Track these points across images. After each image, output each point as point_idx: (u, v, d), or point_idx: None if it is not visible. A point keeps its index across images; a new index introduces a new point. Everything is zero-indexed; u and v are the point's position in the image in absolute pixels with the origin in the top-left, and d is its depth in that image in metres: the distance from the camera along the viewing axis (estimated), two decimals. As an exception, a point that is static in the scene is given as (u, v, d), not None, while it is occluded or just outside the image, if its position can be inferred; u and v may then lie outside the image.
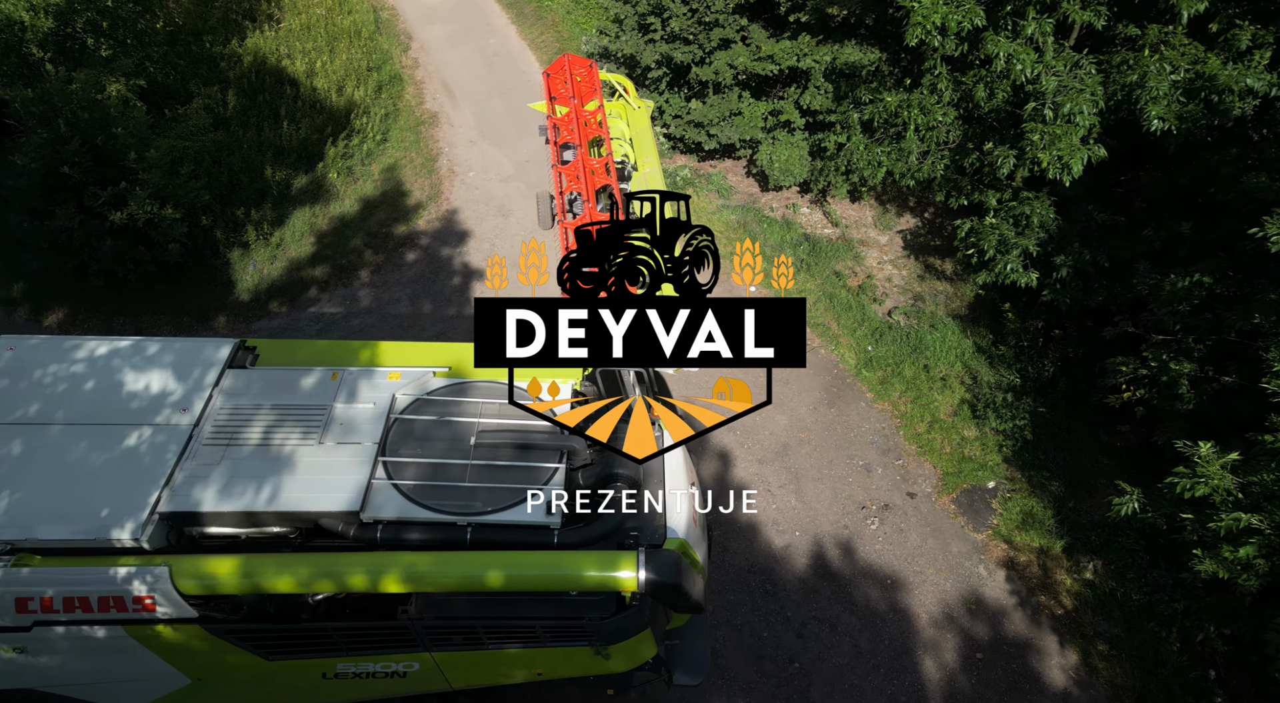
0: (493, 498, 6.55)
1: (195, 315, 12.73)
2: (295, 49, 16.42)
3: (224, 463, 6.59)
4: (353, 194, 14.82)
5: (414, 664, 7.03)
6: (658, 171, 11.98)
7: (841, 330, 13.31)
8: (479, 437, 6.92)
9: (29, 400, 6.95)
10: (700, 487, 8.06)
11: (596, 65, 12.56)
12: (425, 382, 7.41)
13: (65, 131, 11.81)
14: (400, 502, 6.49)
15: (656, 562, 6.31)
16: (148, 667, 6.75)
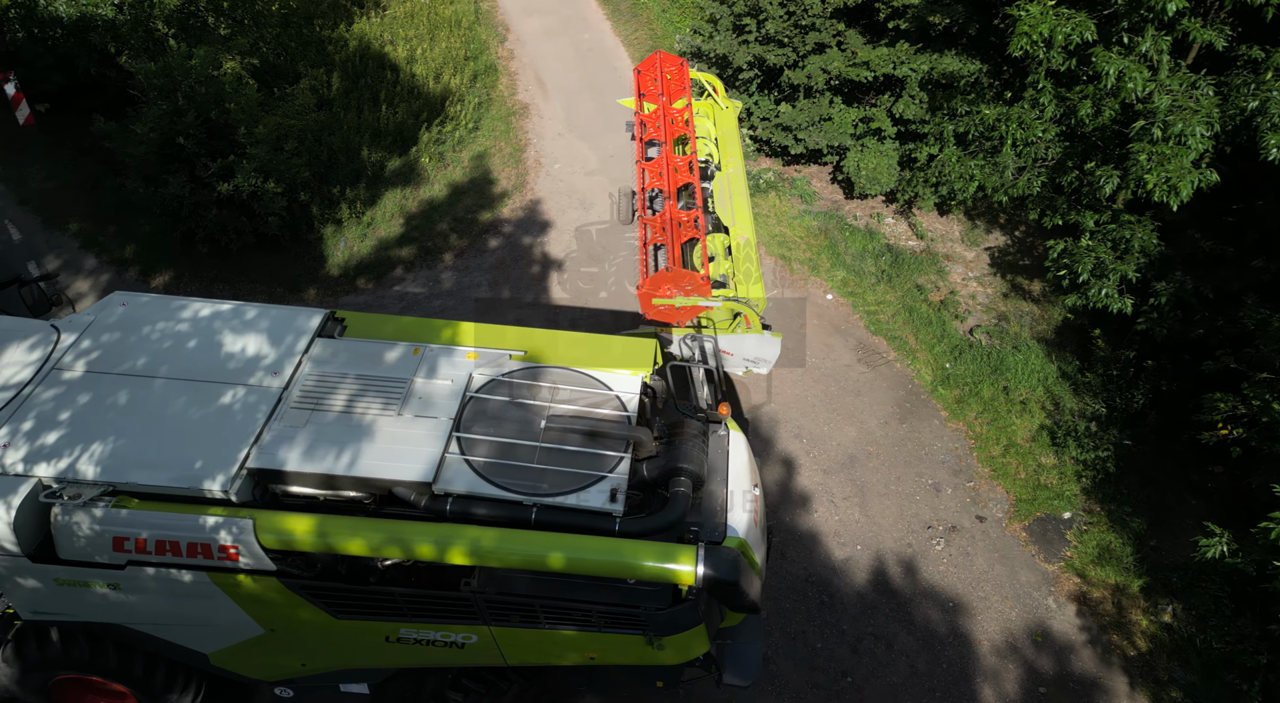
0: (558, 481, 6.67)
1: (288, 286, 13.28)
2: (398, 35, 16.95)
3: (308, 426, 6.86)
4: (442, 179, 15.22)
5: (472, 636, 7.19)
6: (741, 173, 11.90)
7: (919, 345, 13.03)
8: (549, 420, 7.05)
9: (136, 353, 7.35)
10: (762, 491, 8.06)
11: (687, 64, 12.54)
12: (501, 363, 7.57)
13: (183, 104, 12.46)
14: (470, 477, 6.67)
15: (716, 558, 6.31)
16: (226, 614, 7.08)
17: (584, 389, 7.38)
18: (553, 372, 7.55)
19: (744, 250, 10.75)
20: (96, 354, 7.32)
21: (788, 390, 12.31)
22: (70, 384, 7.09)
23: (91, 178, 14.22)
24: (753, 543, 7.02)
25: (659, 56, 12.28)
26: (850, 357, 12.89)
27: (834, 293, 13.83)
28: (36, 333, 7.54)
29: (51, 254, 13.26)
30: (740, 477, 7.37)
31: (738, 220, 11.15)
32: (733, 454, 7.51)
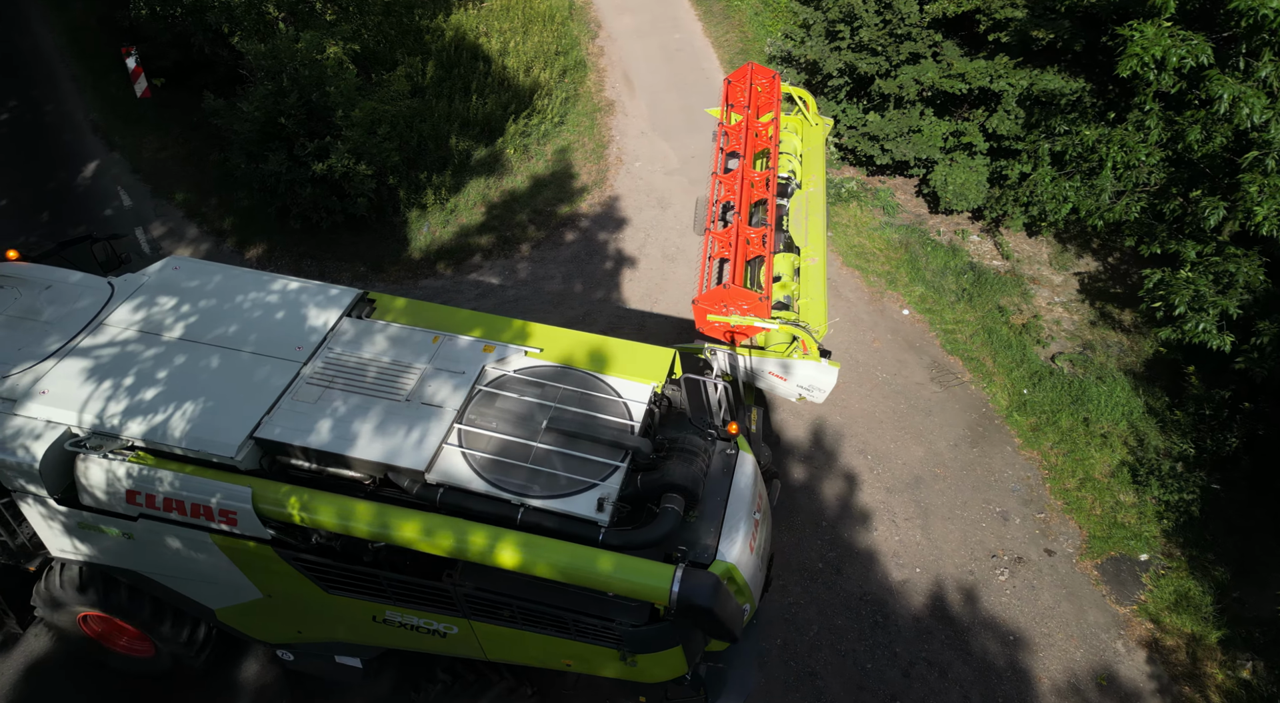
0: (549, 484, 6.61)
1: (371, 266, 13.70)
2: (493, 28, 17.30)
3: (319, 403, 7.00)
4: (525, 171, 15.47)
5: (453, 628, 7.22)
6: (821, 193, 11.63)
7: (996, 368, 12.63)
8: (551, 422, 7.01)
9: (176, 316, 7.70)
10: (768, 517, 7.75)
11: (779, 78, 12.36)
12: (515, 359, 7.59)
13: (287, 85, 12.98)
14: (464, 470, 6.71)
15: (693, 581, 6.10)
16: (227, 575, 7.33)
17: (592, 393, 7.32)
18: (564, 372, 7.52)
19: (812, 273, 10.48)
20: (141, 314, 7.70)
21: (855, 405, 12.10)
22: (112, 340, 7.45)
23: (198, 151, 14.95)
24: (744, 569, 6.79)
25: (751, 68, 12.07)
26: (923, 375, 12.58)
27: (910, 308, 13.52)
28: (93, 288, 7.95)
29: (157, 221, 14.00)
30: (741, 500, 7.12)
31: (810, 242, 10.83)
32: (737, 476, 7.26)
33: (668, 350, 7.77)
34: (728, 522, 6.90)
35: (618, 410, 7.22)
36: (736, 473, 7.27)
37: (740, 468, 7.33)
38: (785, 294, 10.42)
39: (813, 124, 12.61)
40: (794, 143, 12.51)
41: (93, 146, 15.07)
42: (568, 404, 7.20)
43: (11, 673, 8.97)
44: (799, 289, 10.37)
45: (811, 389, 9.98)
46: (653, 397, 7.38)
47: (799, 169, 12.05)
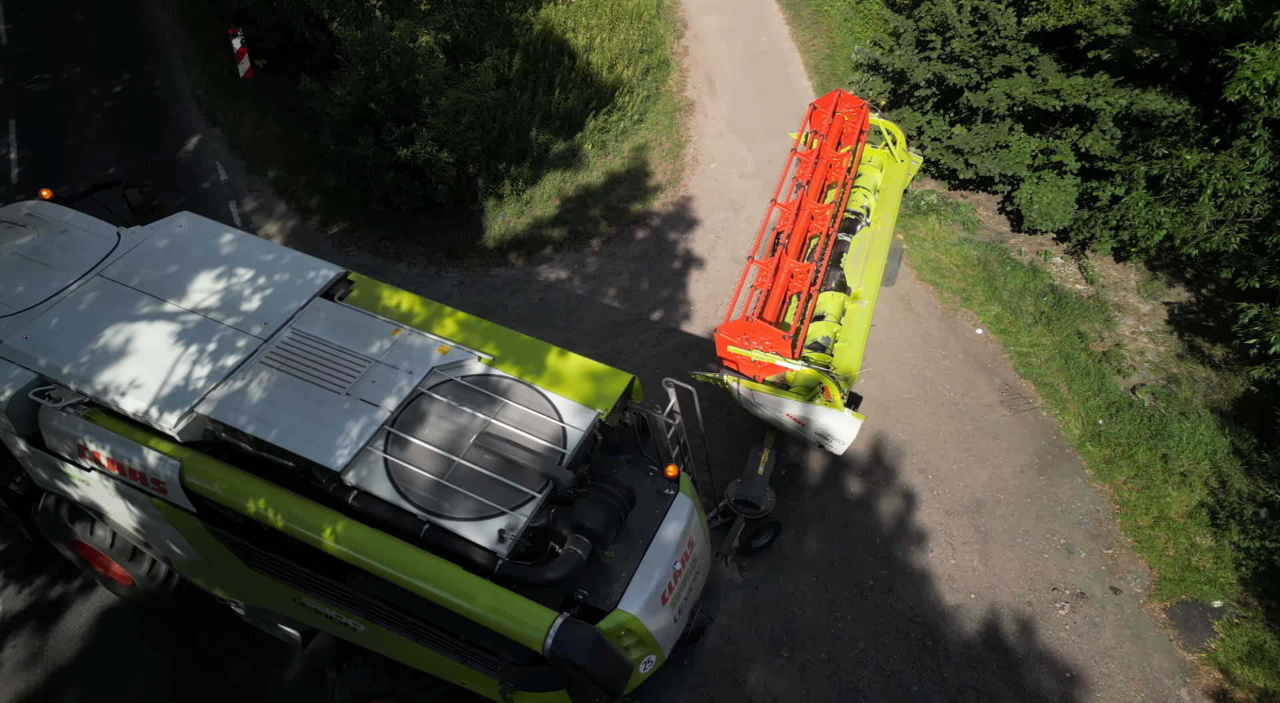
0: (460, 505, 6.34)
1: (446, 251, 14.03)
2: (580, 24, 17.49)
3: (266, 384, 6.93)
4: (601, 166, 15.60)
5: (360, 626, 7.17)
6: (888, 233, 11.16)
7: (1071, 396, 12.18)
8: (480, 438, 6.68)
9: (167, 274, 7.79)
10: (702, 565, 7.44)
11: (868, 109, 11.93)
12: (465, 365, 7.29)
13: (379, 72, 13.39)
14: (380, 476, 6.51)
15: (570, 634, 5.83)
16: (170, 535, 7.55)
17: (533, 411, 6.97)
18: (510, 385, 7.18)
19: (857, 317, 10.13)
20: (136, 268, 7.83)
21: (919, 422, 11.84)
22: (100, 292, 7.59)
23: (292, 131, 15.54)
24: (649, 620, 6.52)
25: (839, 95, 11.74)
26: (992, 397, 12.23)
27: (984, 328, 13.14)
28: (101, 236, 8.17)
29: (249, 196, 14.62)
30: (664, 547, 6.77)
31: (864, 284, 10.49)
32: (667, 522, 6.90)
33: (625, 376, 7.36)
34: (642, 568, 6.61)
35: (553, 434, 6.84)
36: (667, 518, 6.93)
37: (673, 513, 6.98)
38: (825, 335, 10.04)
39: (898, 160, 12.22)
40: (874, 178, 12.03)
41: (196, 122, 15.82)
42: (504, 420, 6.89)
43: (85, 621, 9.51)
44: (840, 333, 10.01)
45: (830, 439, 9.64)
46: (594, 424, 6.98)
47: (874, 206, 11.61)
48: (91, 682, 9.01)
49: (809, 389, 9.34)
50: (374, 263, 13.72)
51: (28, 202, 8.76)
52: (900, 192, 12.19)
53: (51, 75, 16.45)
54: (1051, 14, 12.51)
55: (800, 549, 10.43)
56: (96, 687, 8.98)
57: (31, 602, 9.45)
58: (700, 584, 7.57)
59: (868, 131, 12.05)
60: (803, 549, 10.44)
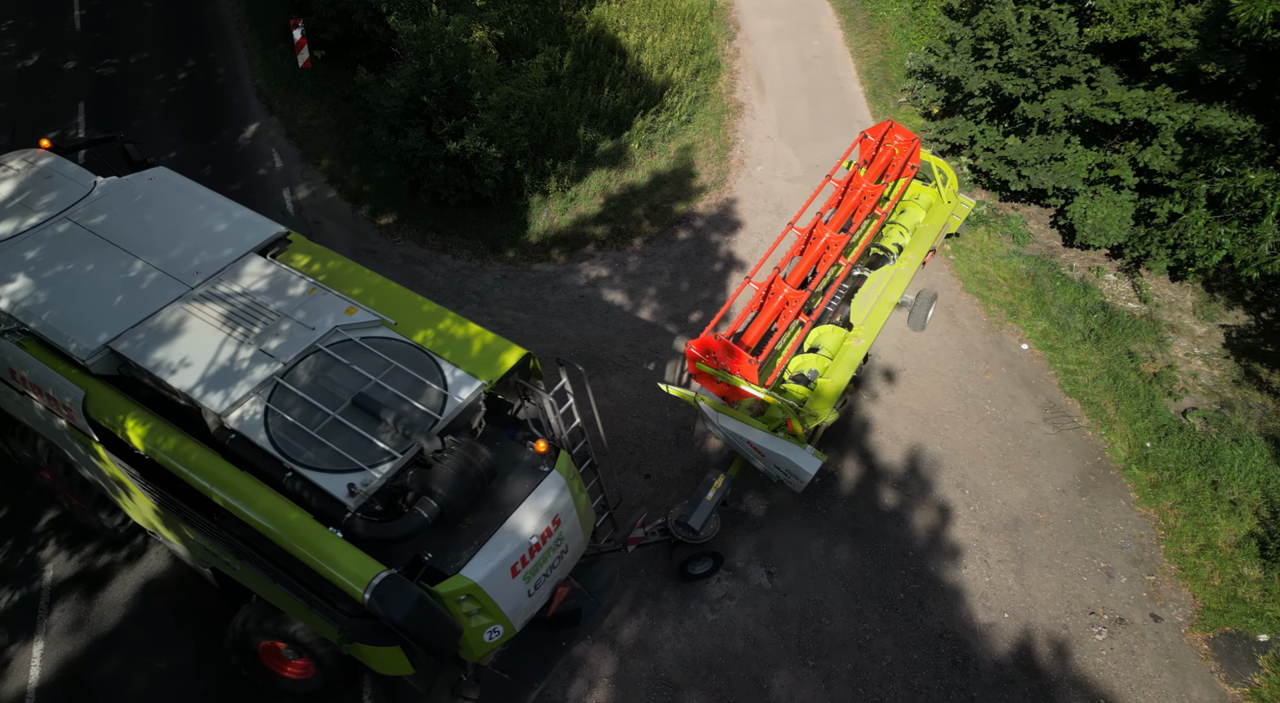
0: (324, 457, 6.64)
1: (490, 245, 14.18)
2: (632, 23, 17.53)
3: (179, 328, 7.43)
4: (647, 166, 15.63)
5: (235, 565, 7.41)
6: (908, 275, 10.89)
7: (1118, 417, 11.88)
8: (360, 396, 6.99)
9: (127, 221, 8.35)
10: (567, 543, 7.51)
11: (920, 143, 11.59)
12: (369, 327, 7.61)
13: (432, 66, 13.59)
14: (258, 423, 6.85)
15: (388, 588, 6.00)
16: (84, 459, 7.98)
17: (420, 376, 7.22)
18: (406, 350, 7.45)
19: (847, 355, 9.89)
20: (100, 213, 8.45)
21: (958, 436, 11.65)
22: (64, 232, 8.23)
23: (346, 121, 15.85)
24: (494, 591, 6.70)
25: (890, 126, 11.48)
26: (1035, 414, 11.98)
27: (1030, 343, 12.88)
28: (78, 183, 8.78)
29: (303, 184, 14.94)
30: (524, 521, 6.94)
31: (867, 325, 10.23)
32: (533, 497, 7.07)
33: (519, 351, 7.52)
34: (495, 538, 6.78)
35: (432, 400, 7.09)
36: (533, 493, 7.09)
37: (540, 489, 7.11)
38: (810, 369, 9.90)
39: (945, 202, 11.82)
40: (916, 217, 11.67)
41: (255, 109, 16.21)
42: (389, 382, 7.14)
43: (129, 589, 9.80)
44: (827, 370, 9.79)
45: (788, 475, 9.44)
46: (477, 394, 7.22)
47: (908, 245, 11.30)
48: (134, 648, 9.29)
49: (774, 419, 9.22)
50: (420, 254, 13.93)
51: (27, 150, 9.38)
52: (941, 234, 11.83)
53: (120, 60, 16.99)
54: (1115, 25, 12.20)
55: (831, 558, 10.34)
56: (138, 652, 9.26)
57: (80, 569, 9.78)
58: (568, 564, 7.69)
59: (917, 166, 11.63)
60: (833, 559, 10.34)
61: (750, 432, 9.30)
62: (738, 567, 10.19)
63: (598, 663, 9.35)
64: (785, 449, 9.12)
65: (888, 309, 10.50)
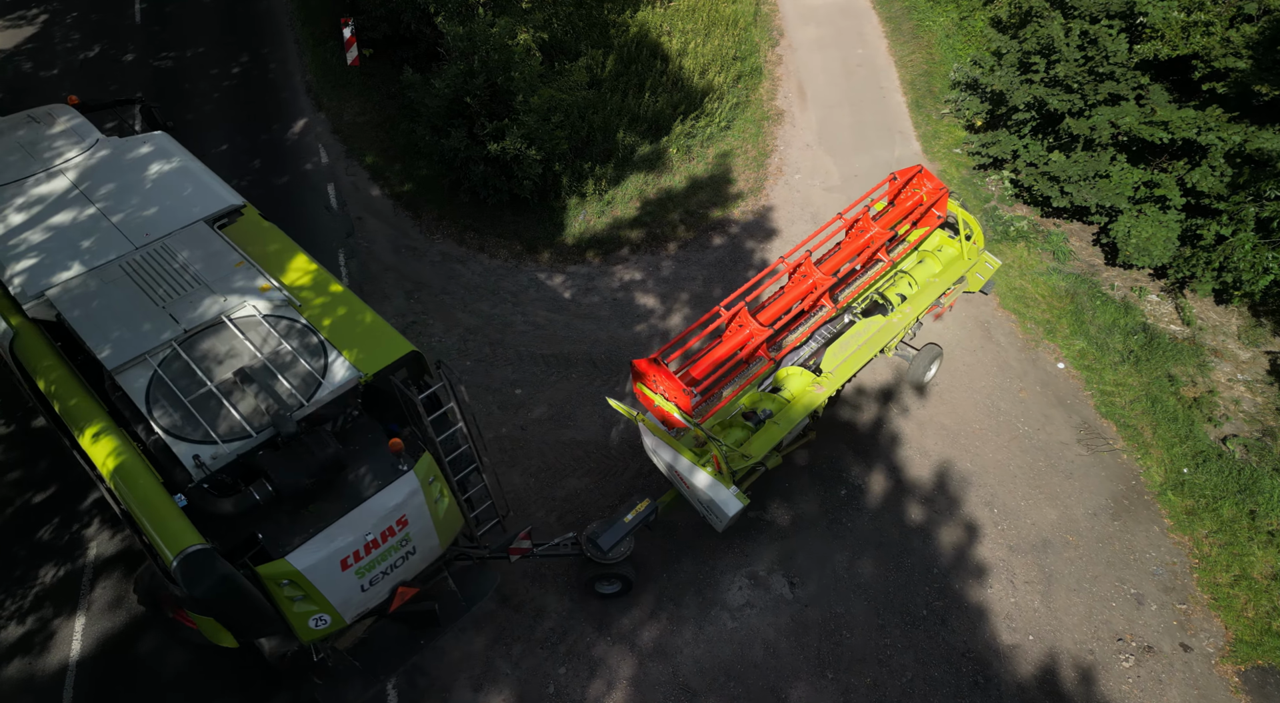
0: (186, 423, 6.94)
1: (526, 245, 14.35)
2: (676, 28, 17.60)
3: (111, 285, 7.86)
4: (684, 171, 15.68)
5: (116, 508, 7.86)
6: (897, 329, 10.55)
7: (1155, 440, 11.67)
8: (239, 372, 7.25)
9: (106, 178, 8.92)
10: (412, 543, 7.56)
11: (949, 194, 11.17)
12: (277, 305, 7.88)
13: (477, 67, 13.79)
14: (141, 383, 7.19)
15: (194, 562, 6.16)
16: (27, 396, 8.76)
17: (306, 359, 7.46)
18: (302, 332, 7.71)
19: (804, 400, 9.72)
20: (88, 168, 9.11)
21: (988, 454, 11.54)
22: (49, 183, 8.89)
23: (391, 119, 16.14)
24: (319, 581, 6.84)
25: (919, 171, 11.16)
26: (1069, 435, 11.81)
27: (1067, 363, 12.70)
28: (82, 139, 9.46)
29: (347, 180, 15.24)
30: (364, 517, 7.01)
31: (835, 375, 10.01)
32: (380, 494, 7.11)
33: (406, 347, 7.69)
34: (331, 530, 6.87)
35: (306, 384, 7.28)
36: (382, 491, 7.14)
37: (390, 488, 7.16)
38: (766, 409, 9.75)
39: (965, 259, 11.26)
40: (931, 269, 11.22)
41: (303, 105, 16.58)
42: (275, 361, 7.39)
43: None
44: (779, 413, 9.64)
45: (709, 512, 9.25)
46: (351, 385, 7.36)
47: (910, 294, 10.94)
48: (171, 626, 9.58)
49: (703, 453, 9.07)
50: (458, 252, 14.14)
51: (56, 105, 10.13)
52: (958, 290, 11.45)
53: (177, 53, 17.48)
54: (1166, 43, 12.00)
55: (855, 571, 10.31)
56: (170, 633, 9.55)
57: (122, 548, 10.12)
58: (415, 566, 7.74)
59: (944, 217, 11.26)
60: (857, 572, 10.31)
61: (678, 460, 9.09)
62: (760, 575, 10.22)
63: (617, 665, 9.45)
64: (708, 485, 8.89)
65: (862, 361, 10.18)
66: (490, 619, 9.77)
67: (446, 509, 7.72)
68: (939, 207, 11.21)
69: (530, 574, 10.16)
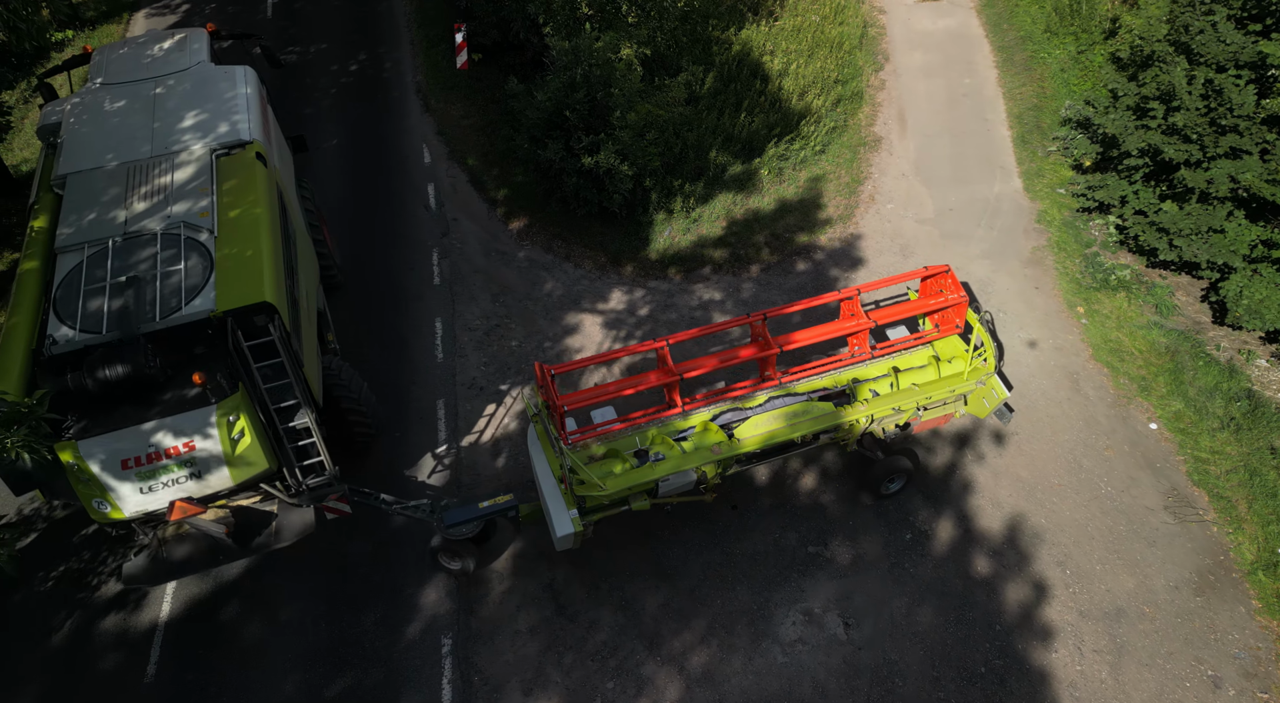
0: (68, 309, 8.38)
1: (611, 257, 14.60)
2: (779, 48, 17.54)
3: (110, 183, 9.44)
4: (774, 193, 15.64)
5: None
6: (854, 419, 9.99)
7: (1250, 515, 11.05)
8: (132, 277, 8.53)
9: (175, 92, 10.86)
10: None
11: (966, 304, 10.50)
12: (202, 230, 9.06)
13: (579, 80, 14.09)
14: (69, 265, 8.79)
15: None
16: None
17: (185, 281, 8.53)
18: (200, 257, 8.78)
19: (694, 460, 9.56)
20: (173, 84, 10.95)
21: (1065, 512, 11.15)
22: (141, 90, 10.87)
23: (493, 123, 16.65)
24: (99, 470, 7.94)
25: (946, 272, 10.53)
26: (1155, 500, 11.30)
27: (1160, 424, 12.14)
28: (190, 60, 11.33)
29: (447, 181, 15.83)
30: (154, 432, 8.04)
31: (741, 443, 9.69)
32: (174, 418, 8.08)
33: (260, 295, 8.42)
34: (121, 433, 7.91)
35: (169, 305, 8.37)
36: (180, 415, 8.12)
37: (188, 414, 8.12)
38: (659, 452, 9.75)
39: (965, 377, 10.36)
40: (915, 380, 10.60)
41: (412, 105, 17.27)
42: (164, 278, 8.52)
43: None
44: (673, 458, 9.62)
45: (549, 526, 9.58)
46: (201, 316, 8.29)
47: (878, 400, 10.29)
48: (252, 597, 10.24)
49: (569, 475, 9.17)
50: (544, 259, 14.50)
51: (196, 28, 12.19)
52: (950, 407, 10.60)
53: (302, 48, 18.47)
54: (1302, 96, 11.32)
55: (913, 619, 10.15)
56: (250, 601, 10.20)
57: (213, 518, 10.83)
58: (198, 488, 8.55)
59: (961, 326, 10.62)
60: (915, 620, 10.15)
61: (541, 465, 9.47)
62: (815, 613, 10.17)
63: (664, 686, 9.58)
64: (553, 500, 9.23)
65: (784, 438, 9.80)
66: (545, 626, 10.05)
67: (246, 448, 8.47)
68: (957, 313, 10.56)
69: (587, 585, 10.39)
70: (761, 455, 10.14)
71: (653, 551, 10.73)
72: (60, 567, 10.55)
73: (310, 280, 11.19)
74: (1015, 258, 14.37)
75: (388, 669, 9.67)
